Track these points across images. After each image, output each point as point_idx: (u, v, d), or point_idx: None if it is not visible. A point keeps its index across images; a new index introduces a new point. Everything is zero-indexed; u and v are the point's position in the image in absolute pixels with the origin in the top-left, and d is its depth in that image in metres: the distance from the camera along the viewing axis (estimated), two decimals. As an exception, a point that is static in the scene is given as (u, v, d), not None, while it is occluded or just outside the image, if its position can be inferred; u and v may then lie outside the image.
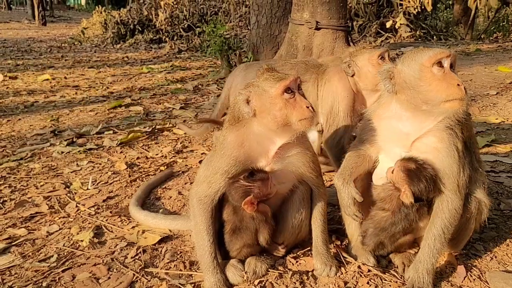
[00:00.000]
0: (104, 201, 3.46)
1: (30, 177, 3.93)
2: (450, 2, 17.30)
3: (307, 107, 2.19)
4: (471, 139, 2.47)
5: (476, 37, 14.96)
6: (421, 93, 2.16)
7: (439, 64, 2.14)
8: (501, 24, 16.19)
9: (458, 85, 2.08)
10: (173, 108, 6.37)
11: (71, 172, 4.04)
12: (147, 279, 2.44)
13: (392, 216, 2.36)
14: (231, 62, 8.61)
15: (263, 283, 2.34)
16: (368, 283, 2.32)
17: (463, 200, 2.29)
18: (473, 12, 14.65)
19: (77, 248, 2.79)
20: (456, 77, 2.11)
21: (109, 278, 2.46)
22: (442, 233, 2.25)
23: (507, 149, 4.23)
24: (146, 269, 2.53)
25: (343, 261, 2.53)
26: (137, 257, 2.66)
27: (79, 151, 4.54)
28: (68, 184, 3.78)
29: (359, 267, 2.46)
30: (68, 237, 2.92)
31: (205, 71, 9.82)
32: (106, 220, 3.15)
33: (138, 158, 4.37)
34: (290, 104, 2.20)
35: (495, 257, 2.58)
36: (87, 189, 3.68)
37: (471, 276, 2.39)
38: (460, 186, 2.24)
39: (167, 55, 13.12)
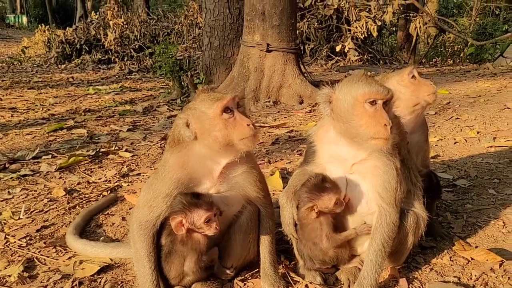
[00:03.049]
0: (37, 231, 3.20)
1: (-47, 208, 3.57)
2: (394, 29, 18.34)
3: (248, 125, 2.14)
4: (408, 155, 2.56)
5: (418, 61, 15.84)
6: (353, 127, 2.21)
7: (373, 101, 2.17)
8: (439, 49, 17.32)
9: (385, 125, 2.12)
10: (120, 130, 6.14)
11: (1, 201, 3.71)
12: (81, 314, 2.24)
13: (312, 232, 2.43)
14: (183, 84, 8.49)
15: (209, 310, 2.24)
16: (315, 301, 2.31)
17: (399, 214, 2.37)
18: (414, 38, 15.60)
19: (4, 284, 2.53)
20: (385, 116, 2.15)
21: (38, 316, 2.23)
22: (382, 248, 2.30)
23: (445, 165, 4.43)
24: (81, 303, 2.33)
25: (291, 281, 2.50)
26: (72, 290, 2.45)
27: (11, 178, 4.20)
28: (-3, 214, 3.47)
29: (306, 286, 2.45)
30: (-6, 273, 2.64)
31: (156, 92, 9.64)
32: (39, 251, 2.90)
33: (79, 183, 4.11)
34: (230, 123, 2.16)
35: (434, 268, 2.67)
36: (19, 218, 3.39)
37: (412, 288, 2.46)
38: (397, 200, 2.31)
39: (117, 76, 12.80)
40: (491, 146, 4.95)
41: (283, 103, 7.68)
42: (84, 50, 16.00)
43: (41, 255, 2.85)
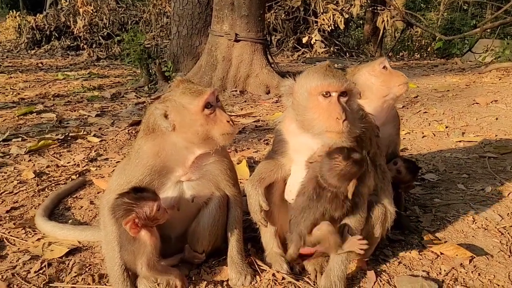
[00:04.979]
0: (7, 212, 3.23)
1: None
2: (361, 22, 18.45)
3: (228, 122, 2.20)
4: (378, 150, 2.53)
5: (384, 55, 16.02)
6: (308, 120, 2.19)
7: (327, 93, 2.13)
8: (406, 43, 17.55)
9: (338, 118, 2.06)
10: (89, 116, 6.13)
11: (-29, 182, 3.70)
12: (51, 294, 2.29)
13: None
14: (150, 71, 8.50)
15: (177, 294, 2.26)
16: (282, 290, 2.33)
17: (367, 205, 2.35)
18: (381, 32, 15.77)
19: (-26, 264, 2.55)
20: (339, 110, 2.08)
21: (8, 295, 2.27)
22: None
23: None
24: (50, 284, 2.39)
25: (258, 269, 2.52)
26: (41, 271, 2.51)
27: (-19, 160, 4.18)
28: (-34, 195, 3.46)
29: (273, 275, 2.46)
30: (-37, 252, 2.67)
31: (124, 79, 9.57)
32: (9, 232, 2.94)
33: (48, 166, 4.14)
34: (211, 119, 2.19)
35: (403, 261, 2.68)
36: (-12, 200, 3.40)
37: (380, 281, 2.46)
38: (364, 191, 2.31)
39: (85, 63, 12.66)
40: (460, 141, 4.94)
41: (250, 92, 7.75)
42: (53, 37, 15.96)
43: (11, 235, 2.89)
